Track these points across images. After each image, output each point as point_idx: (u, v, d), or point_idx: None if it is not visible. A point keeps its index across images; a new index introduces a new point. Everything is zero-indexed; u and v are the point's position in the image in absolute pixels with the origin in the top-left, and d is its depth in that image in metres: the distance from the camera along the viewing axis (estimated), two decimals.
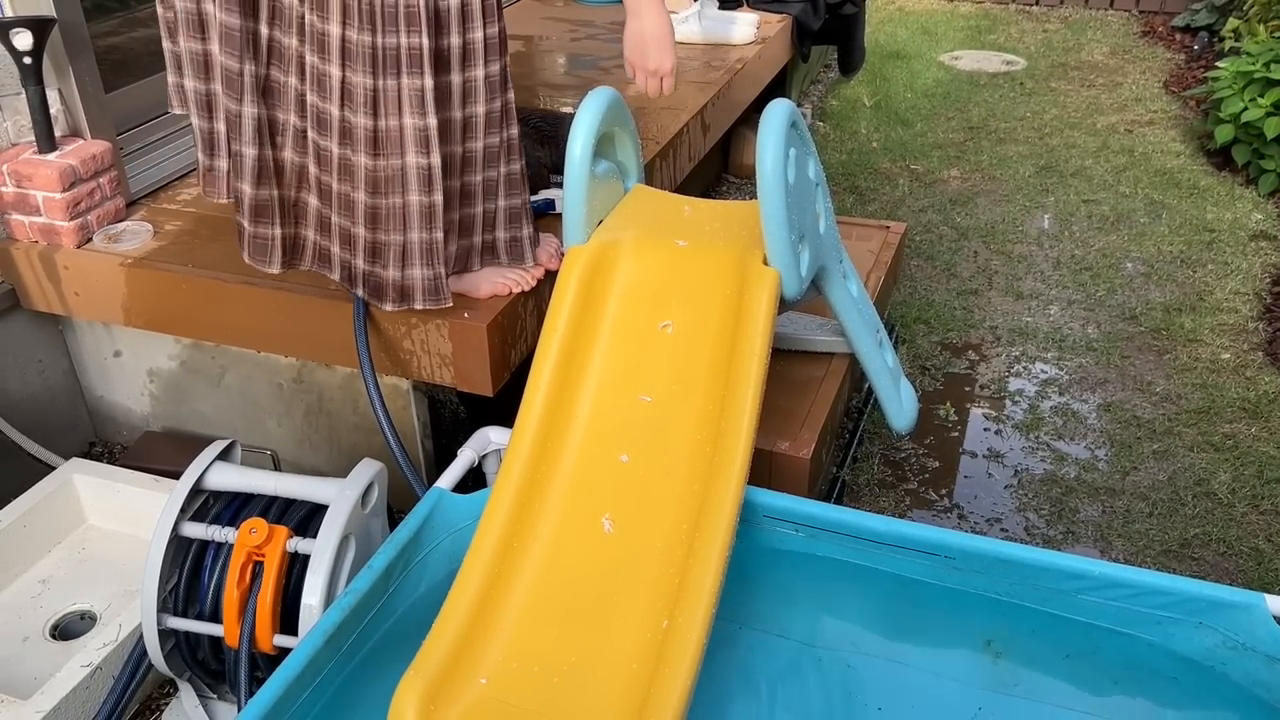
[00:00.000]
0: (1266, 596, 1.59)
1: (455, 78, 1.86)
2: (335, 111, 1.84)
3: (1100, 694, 1.69)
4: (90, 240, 2.31)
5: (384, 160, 1.86)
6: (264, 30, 1.86)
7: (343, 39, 1.78)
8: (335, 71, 1.81)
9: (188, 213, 2.44)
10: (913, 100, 4.99)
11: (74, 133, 2.35)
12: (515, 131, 1.98)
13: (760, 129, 1.80)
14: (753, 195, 1.83)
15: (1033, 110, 4.87)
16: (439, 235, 1.92)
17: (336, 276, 2.04)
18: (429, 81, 1.79)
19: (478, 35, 1.84)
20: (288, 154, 1.96)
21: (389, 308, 1.99)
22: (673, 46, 1.95)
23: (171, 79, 2.01)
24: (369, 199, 1.89)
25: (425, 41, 1.77)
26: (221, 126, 1.97)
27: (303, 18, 1.81)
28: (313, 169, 1.95)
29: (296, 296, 2.13)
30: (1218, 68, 4.27)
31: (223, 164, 2.01)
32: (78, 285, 2.31)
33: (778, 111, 1.82)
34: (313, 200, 1.99)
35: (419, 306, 1.98)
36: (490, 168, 1.97)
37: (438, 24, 1.80)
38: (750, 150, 4.09)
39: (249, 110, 1.89)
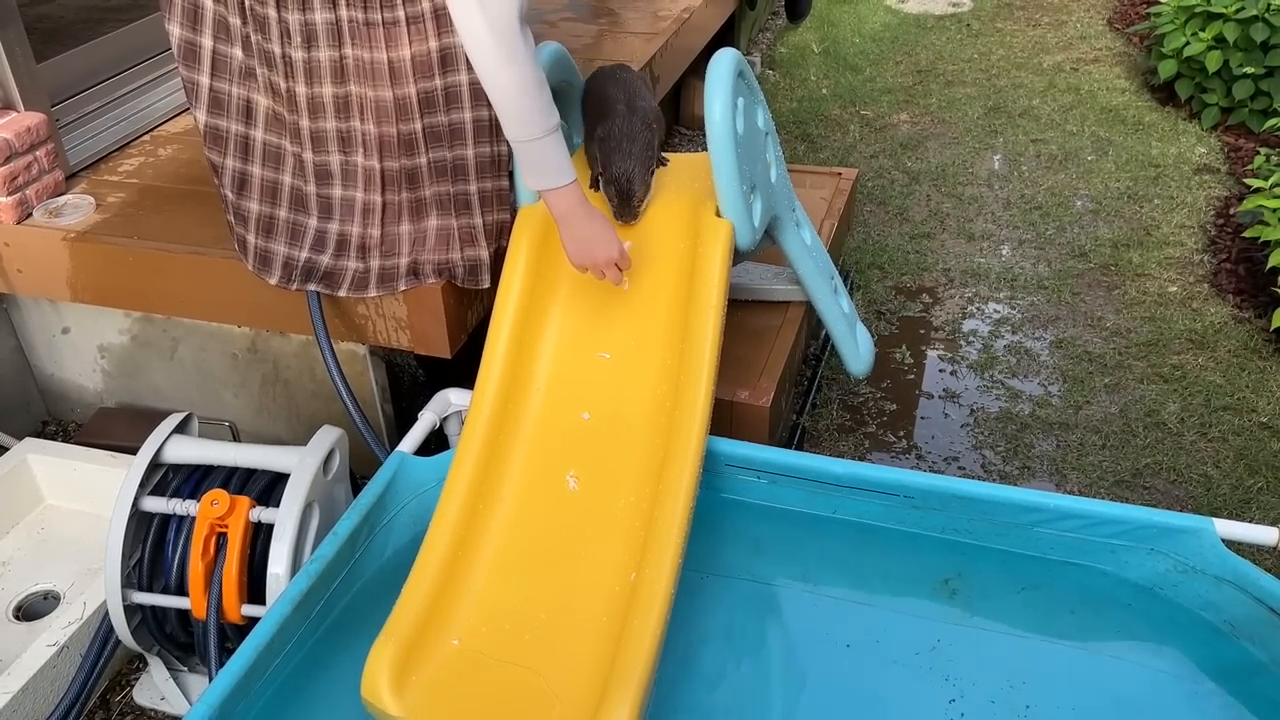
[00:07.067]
0: (1215, 520, 1.64)
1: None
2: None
3: (1055, 623, 1.74)
4: (30, 216, 2.25)
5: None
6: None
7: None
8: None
9: (130, 184, 2.39)
10: (861, 45, 4.98)
11: (6, 105, 2.28)
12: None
13: (706, 80, 1.79)
14: (704, 147, 1.82)
15: (980, 51, 4.88)
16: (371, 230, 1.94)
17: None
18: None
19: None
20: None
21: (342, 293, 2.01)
22: (613, 232, 1.73)
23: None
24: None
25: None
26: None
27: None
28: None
29: (246, 265, 2.10)
30: (1160, 3, 4.30)
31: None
32: (20, 262, 2.26)
33: (723, 61, 1.80)
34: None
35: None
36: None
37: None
38: (700, 101, 4.07)
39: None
